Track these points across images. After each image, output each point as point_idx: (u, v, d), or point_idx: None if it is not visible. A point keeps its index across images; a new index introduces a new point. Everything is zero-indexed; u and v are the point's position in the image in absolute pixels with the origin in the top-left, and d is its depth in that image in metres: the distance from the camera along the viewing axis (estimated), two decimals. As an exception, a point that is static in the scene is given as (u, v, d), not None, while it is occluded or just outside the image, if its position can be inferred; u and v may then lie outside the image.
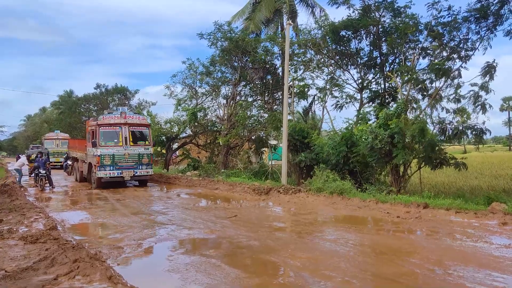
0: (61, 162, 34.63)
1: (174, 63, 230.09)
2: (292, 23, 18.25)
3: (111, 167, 18.03)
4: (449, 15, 13.82)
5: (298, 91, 19.97)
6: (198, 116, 24.11)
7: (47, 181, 18.57)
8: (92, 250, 6.82)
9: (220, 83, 24.59)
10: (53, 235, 7.86)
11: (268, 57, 22.60)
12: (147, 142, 19.23)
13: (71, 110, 46.56)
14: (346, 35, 17.10)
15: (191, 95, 25.46)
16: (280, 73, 22.73)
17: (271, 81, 23.75)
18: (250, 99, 25.27)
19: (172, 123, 25.76)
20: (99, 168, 17.83)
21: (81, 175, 21.39)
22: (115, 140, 18.37)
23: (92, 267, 5.71)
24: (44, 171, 18.34)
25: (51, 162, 33.84)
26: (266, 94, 24.07)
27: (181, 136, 26.71)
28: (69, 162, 27.19)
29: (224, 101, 24.69)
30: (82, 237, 8.40)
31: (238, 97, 24.60)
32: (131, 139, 18.58)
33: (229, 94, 24.32)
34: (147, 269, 6.34)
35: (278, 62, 23.22)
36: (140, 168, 18.65)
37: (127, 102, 47.32)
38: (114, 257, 6.71)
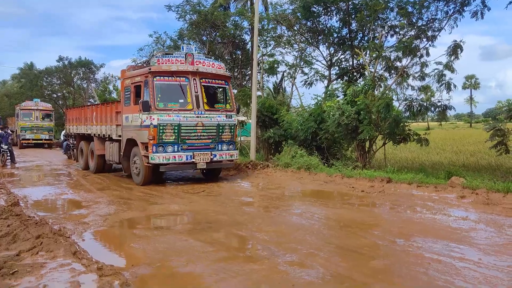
0: (42, 139, 31.58)
1: (141, 36, 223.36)
2: (262, -3, 17.96)
3: (176, 146, 11.07)
4: None
5: (267, 67, 19.88)
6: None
7: (8, 157, 17.99)
8: (56, 226, 6.70)
9: (188, 58, 24.12)
10: (15, 211, 7.65)
11: (238, 32, 22.31)
12: (228, 106, 12.52)
13: (32, 83, 44.72)
14: (317, 11, 17.05)
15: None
16: (250, 49, 22.53)
17: (240, 57, 23.55)
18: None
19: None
20: (155, 149, 10.85)
21: (98, 162, 14.52)
22: (181, 101, 11.40)
23: (55, 243, 5.63)
24: (6, 146, 17.71)
25: (30, 139, 32.30)
26: (236, 69, 23.86)
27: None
28: (69, 142, 20.23)
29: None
30: (46, 213, 8.21)
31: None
32: (205, 100, 11.67)
33: (198, 69, 23.92)
34: (113, 244, 6.30)
35: (247, 37, 22.99)
36: (220, 148, 11.93)
37: (92, 76, 45.84)
38: (79, 232, 6.61)
